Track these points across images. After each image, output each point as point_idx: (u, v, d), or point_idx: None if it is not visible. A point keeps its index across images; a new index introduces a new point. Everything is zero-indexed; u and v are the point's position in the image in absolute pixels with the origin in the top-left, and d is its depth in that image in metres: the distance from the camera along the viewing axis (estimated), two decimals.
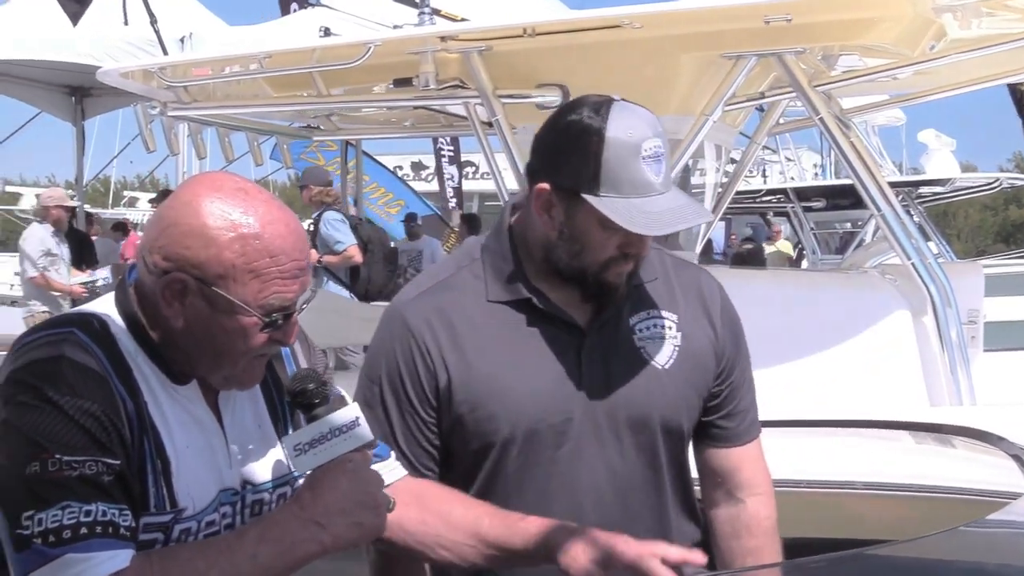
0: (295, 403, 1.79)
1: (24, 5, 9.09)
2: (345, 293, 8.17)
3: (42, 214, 10.30)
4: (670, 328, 2.06)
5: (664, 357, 2.03)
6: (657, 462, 2.02)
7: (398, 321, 2.03)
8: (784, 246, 17.73)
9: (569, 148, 1.91)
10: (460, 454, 2.03)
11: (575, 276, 1.97)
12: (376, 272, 8.51)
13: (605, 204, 1.86)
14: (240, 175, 1.79)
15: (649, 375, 2.01)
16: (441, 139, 16.90)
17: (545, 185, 1.93)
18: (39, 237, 9.91)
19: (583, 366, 1.99)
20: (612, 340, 2.01)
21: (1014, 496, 1.83)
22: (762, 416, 3.18)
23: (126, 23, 7.05)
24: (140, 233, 14.32)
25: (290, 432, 1.81)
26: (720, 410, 2.11)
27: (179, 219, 1.68)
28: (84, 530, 1.55)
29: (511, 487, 1.99)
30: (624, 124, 1.88)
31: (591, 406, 1.98)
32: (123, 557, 1.57)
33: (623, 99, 1.91)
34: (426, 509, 1.89)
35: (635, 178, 1.87)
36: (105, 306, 1.76)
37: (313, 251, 7.88)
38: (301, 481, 1.80)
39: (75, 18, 5.68)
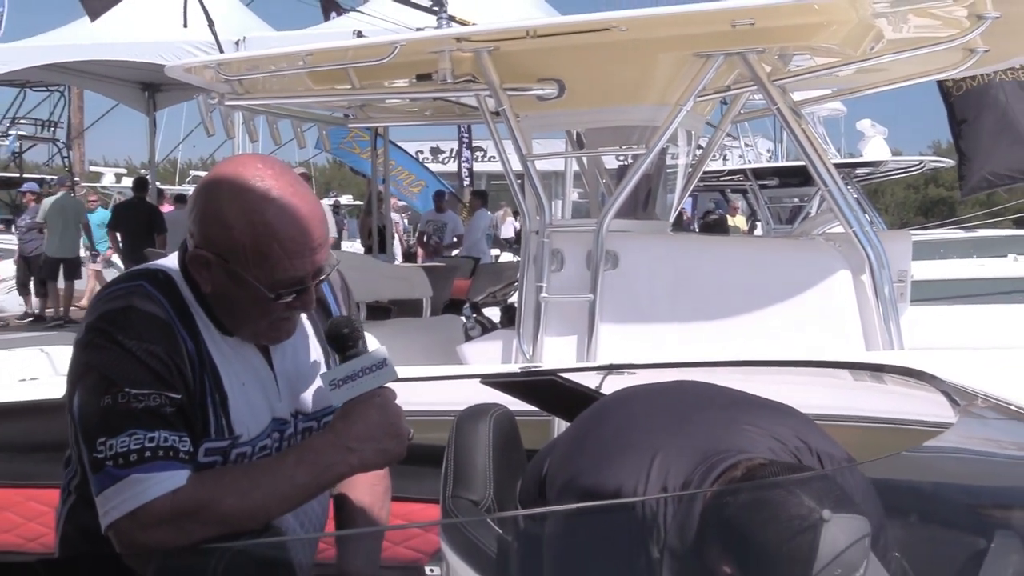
0: (331, 345, 1.75)
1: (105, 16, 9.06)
2: None
3: None
4: None
5: None
6: None
7: None
8: (739, 220, 17.61)
9: None
10: None
11: None
12: None
13: None
14: (268, 157, 1.72)
15: None
16: (460, 126, 16.82)
17: None
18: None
19: None
20: None
21: (946, 426, 1.80)
22: (724, 358, 3.17)
23: (185, 25, 6.96)
24: None
25: (327, 369, 1.78)
26: None
27: (203, 201, 1.63)
28: (148, 454, 1.53)
29: None
30: None
31: None
32: (180, 477, 1.55)
33: None
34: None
35: None
36: (170, 261, 1.73)
37: None
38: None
39: (94, 15, 5.47)
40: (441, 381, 3.36)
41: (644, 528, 1.54)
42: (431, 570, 2.54)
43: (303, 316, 1.76)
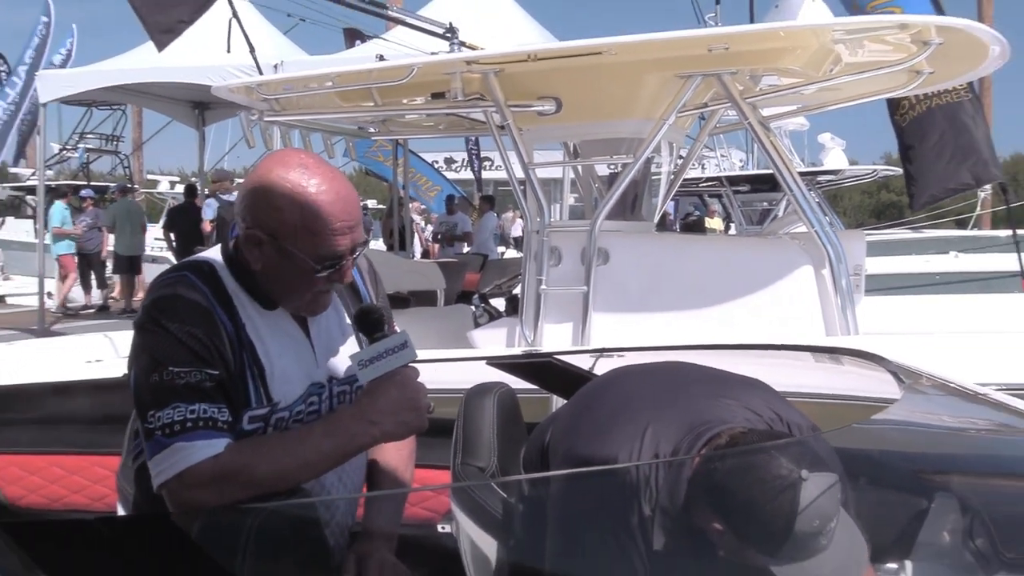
0: (359, 329, 1.75)
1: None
2: None
3: None
4: None
5: None
6: None
7: None
8: (715, 222, 17.54)
9: None
10: None
11: None
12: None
13: None
14: (306, 151, 1.74)
15: None
16: (470, 139, 16.81)
17: None
18: None
19: None
20: None
21: (892, 401, 1.80)
22: (702, 342, 3.16)
23: (228, 51, 6.94)
24: None
25: (356, 350, 1.78)
26: None
27: (255, 189, 1.64)
28: (189, 424, 1.54)
29: None
30: None
31: None
32: (219, 444, 1.56)
33: None
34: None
35: None
36: (214, 253, 1.74)
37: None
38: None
39: (161, 45, 5.32)
40: (452, 363, 3.36)
41: (638, 491, 1.55)
42: (443, 527, 2.54)
43: (334, 295, 1.77)
